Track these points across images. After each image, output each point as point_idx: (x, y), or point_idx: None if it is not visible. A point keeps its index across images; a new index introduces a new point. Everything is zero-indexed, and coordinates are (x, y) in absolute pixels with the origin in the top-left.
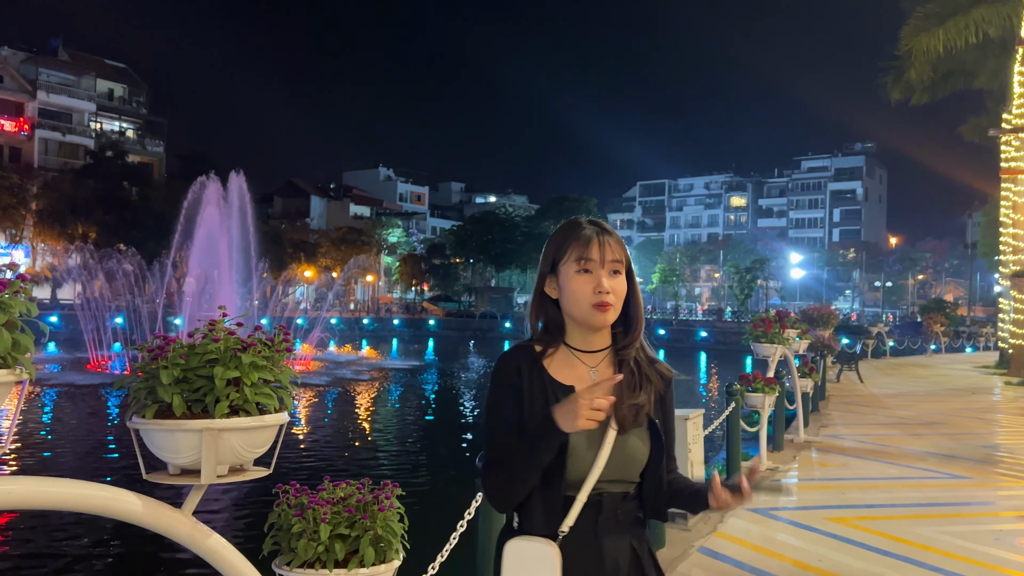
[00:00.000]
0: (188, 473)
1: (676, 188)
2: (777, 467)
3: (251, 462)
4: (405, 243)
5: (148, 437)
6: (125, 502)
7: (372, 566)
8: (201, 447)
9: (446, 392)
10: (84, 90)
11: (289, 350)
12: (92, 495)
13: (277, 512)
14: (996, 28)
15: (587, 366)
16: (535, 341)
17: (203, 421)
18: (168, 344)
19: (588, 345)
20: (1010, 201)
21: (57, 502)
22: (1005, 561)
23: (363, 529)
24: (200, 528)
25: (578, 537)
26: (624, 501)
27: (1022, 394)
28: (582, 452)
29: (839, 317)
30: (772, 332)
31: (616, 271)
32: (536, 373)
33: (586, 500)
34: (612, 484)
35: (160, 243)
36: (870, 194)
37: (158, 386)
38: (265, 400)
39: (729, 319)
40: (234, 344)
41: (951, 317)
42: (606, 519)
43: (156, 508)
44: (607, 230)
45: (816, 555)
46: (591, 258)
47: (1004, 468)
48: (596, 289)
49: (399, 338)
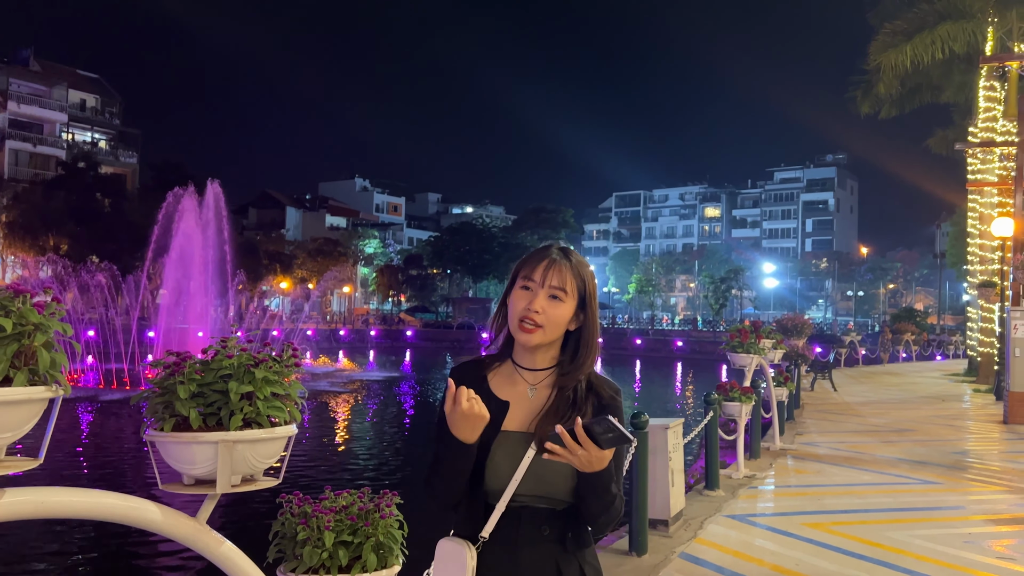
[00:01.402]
0: (202, 483)
1: (652, 199)
2: (755, 474)
3: (262, 472)
4: (382, 254)
5: (165, 449)
6: (146, 511)
7: (375, 571)
8: (216, 458)
9: (424, 404)
10: (56, 100)
11: (298, 365)
12: (117, 505)
13: (281, 521)
14: (961, 44)
15: (527, 383)
16: (488, 356)
17: (219, 433)
18: (184, 360)
19: (530, 363)
20: (976, 212)
21: (85, 512)
22: (973, 563)
23: (365, 536)
24: (214, 536)
25: (498, 545)
26: (552, 519)
27: (990, 401)
28: (503, 465)
29: (812, 326)
30: (748, 342)
31: (556, 296)
32: (477, 387)
33: (504, 510)
34: (537, 500)
35: (134, 255)
36: (842, 205)
37: (175, 400)
38: (276, 413)
39: (703, 329)
40: (247, 360)
41: (921, 326)
42: (527, 532)
43: (174, 517)
44: (567, 257)
45: (793, 559)
46: (533, 278)
47: (973, 473)
48: (528, 307)
49: (376, 349)
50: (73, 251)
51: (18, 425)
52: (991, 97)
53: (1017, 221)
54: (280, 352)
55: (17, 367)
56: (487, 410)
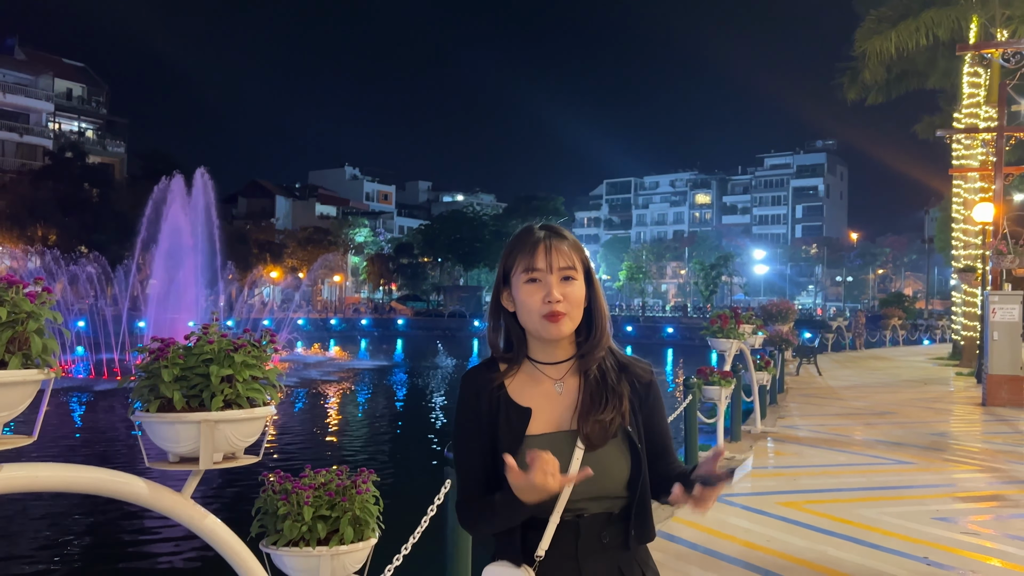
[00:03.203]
0: (186, 460)
1: (642, 186)
2: (733, 456)
3: (242, 450)
4: (372, 243)
5: (150, 429)
6: (134, 486)
7: (351, 543)
8: (199, 437)
9: (415, 391)
10: (42, 90)
11: (276, 351)
12: (108, 479)
13: (263, 498)
14: (945, 31)
15: (551, 379)
16: (500, 358)
17: (201, 414)
18: (168, 346)
19: (550, 356)
20: (960, 198)
21: (77, 485)
22: (940, 538)
23: (343, 511)
24: (198, 509)
25: (556, 562)
26: (610, 523)
27: (972, 384)
28: None
29: (797, 312)
30: (728, 327)
31: (568, 277)
32: (495, 396)
33: (559, 522)
34: (593, 503)
35: (123, 245)
36: (831, 190)
37: (160, 383)
38: (255, 394)
39: (693, 315)
40: (227, 345)
41: (909, 311)
42: (587, 543)
43: (160, 492)
44: (559, 234)
45: (765, 536)
46: (538, 267)
47: (948, 454)
48: (545, 298)
49: (367, 338)
50: (61, 241)
51: (13, 405)
52: (974, 83)
53: (997, 206)
54: (259, 338)
55: (12, 352)
56: (556, 473)
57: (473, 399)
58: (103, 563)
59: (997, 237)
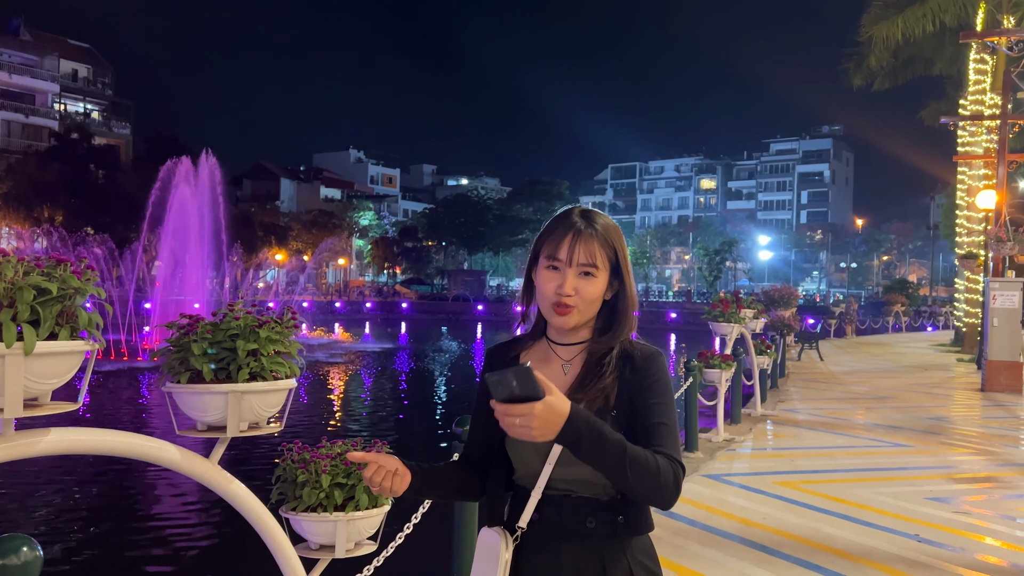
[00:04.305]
0: (213, 429)
1: (647, 171)
2: (734, 438)
3: (266, 420)
4: (377, 226)
5: (180, 399)
6: (168, 451)
7: (366, 509)
8: (225, 407)
9: (420, 373)
10: (47, 71)
11: (296, 327)
12: (145, 445)
13: (283, 466)
14: (952, 17)
15: (561, 360)
16: (523, 335)
17: (229, 385)
18: (196, 322)
19: (564, 338)
20: (965, 185)
21: (119, 449)
22: (931, 516)
23: (358, 479)
24: (225, 474)
25: (537, 538)
26: (598, 509)
27: (972, 370)
28: (528, 448)
29: (799, 298)
30: (729, 312)
31: (587, 273)
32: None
33: (541, 497)
34: (579, 485)
35: (129, 227)
36: (837, 176)
37: (190, 357)
38: (278, 368)
39: (697, 301)
40: (252, 321)
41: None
42: (570, 524)
43: (191, 457)
44: (592, 225)
45: (761, 514)
46: (559, 256)
47: (944, 437)
48: (558, 289)
49: (372, 321)
50: (67, 222)
51: (63, 374)
52: (980, 70)
53: (1000, 193)
54: (281, 315)
55: (60, 324)
56: (390, 465)
57: (490, 370)
58: (117, 525)
59: (998, 224)
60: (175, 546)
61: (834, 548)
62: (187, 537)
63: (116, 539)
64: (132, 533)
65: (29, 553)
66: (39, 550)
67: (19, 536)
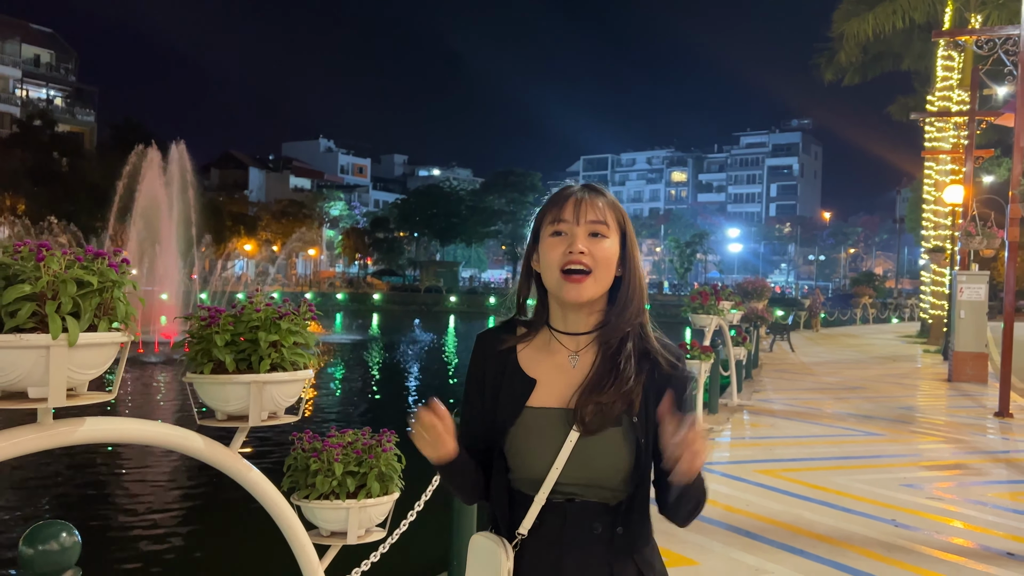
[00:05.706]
0: (233, 419)
1: (619, 163)
2: (712, 428)
3: (283, 410)
4: (348, 216)
5: (202, 390)
6: (192, 440)
7: (377, 496)
8: (247, 397)
9: (391, 365)
10: (8, 55)
11: (314, 319)
12: (170, 434)
13: (294, 456)
14: (921, 14)
15: (568, 350)
16: (520, 321)
17: (251, 376)
18: (218, 314)
19: (571, 326)
20: (932, 179)
21: (145, 439)
22: (906, 502)
23: (369, 467)
24: (244, 463)
25: (538, 546)
26: (605, 514)
27: (939, 360)
28: (537, 449)
29: (772, 290)
30: (708, 304)
31: (598, 233)
32: (503, 360)
33: (545, 503)
34: (587, 489)
35: (93, 216)
36: (806, 170)
37: (213, 348)
38: (298, 358)
39: (668, 292)
40: (272, 314)
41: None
42: (575, 530)
43: (213, 446)
44: (595, 191)
45: (744, 500)
46: (564, 217)
47: (915, 426)
48: (567, 250)
49: (343, 313)
50: (31, 211)
51: (100, 364)
52: (948, 67)
53: (967, 188)
54: (298, 308)
55: (99, 316)
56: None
57: (480, 361)
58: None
59: (967, 219)
60: (196, 531)
61: (815, 533)
62: (206, 521)
63: (141, 525)
64: (151, 516)
65: (68, 539)
66: (77, 535)
67: (58, 522)
